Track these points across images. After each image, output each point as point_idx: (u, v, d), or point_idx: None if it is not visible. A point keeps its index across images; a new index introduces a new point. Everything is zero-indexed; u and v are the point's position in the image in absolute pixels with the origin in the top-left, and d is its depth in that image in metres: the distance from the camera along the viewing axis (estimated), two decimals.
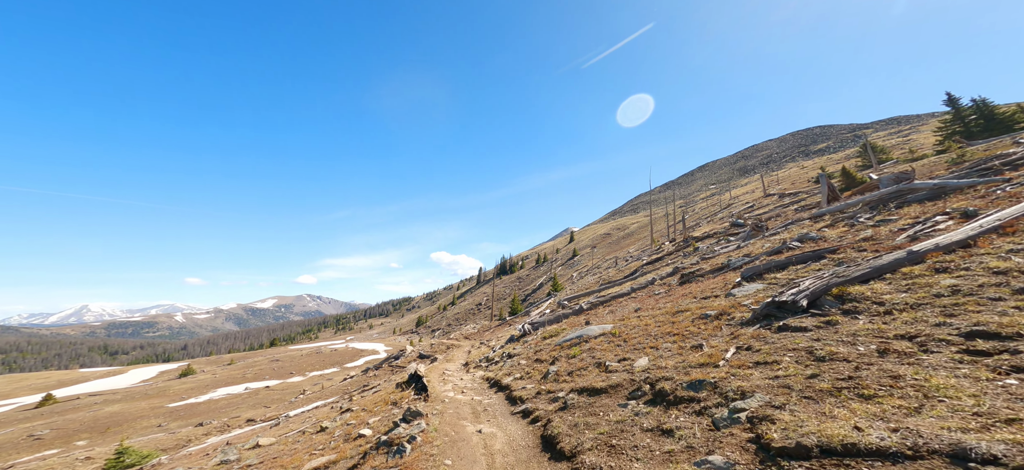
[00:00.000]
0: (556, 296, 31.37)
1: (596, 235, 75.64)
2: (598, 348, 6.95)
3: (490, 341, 19.04)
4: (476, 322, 43.72)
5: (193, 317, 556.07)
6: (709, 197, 61.88)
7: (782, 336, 4.50)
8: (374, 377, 18.13)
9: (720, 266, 10.12)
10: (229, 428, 14.53)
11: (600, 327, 8.27)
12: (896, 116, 75.47)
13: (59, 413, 24.56)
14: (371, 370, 20.14)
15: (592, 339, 7.60)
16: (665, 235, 36.32)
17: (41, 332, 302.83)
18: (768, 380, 3.60)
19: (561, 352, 7.73)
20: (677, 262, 15.49)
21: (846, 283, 5.12)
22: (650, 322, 7.36)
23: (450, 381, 9.28)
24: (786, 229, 12.39)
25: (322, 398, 17.53)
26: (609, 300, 12.78)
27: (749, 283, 7.34)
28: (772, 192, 31.60)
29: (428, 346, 21.57)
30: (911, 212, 8.48)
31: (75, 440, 18.62)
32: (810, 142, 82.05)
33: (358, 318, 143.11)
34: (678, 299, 8.72)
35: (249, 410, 21.17)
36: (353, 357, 43.30)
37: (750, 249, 11.24)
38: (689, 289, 9.44)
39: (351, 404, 10.02)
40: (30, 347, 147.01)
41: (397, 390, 9.47)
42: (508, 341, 13.04)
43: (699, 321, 6.27)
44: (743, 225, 18.28)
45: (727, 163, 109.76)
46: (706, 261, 12.46)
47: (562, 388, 5.63)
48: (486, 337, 23.36)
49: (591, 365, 6.12)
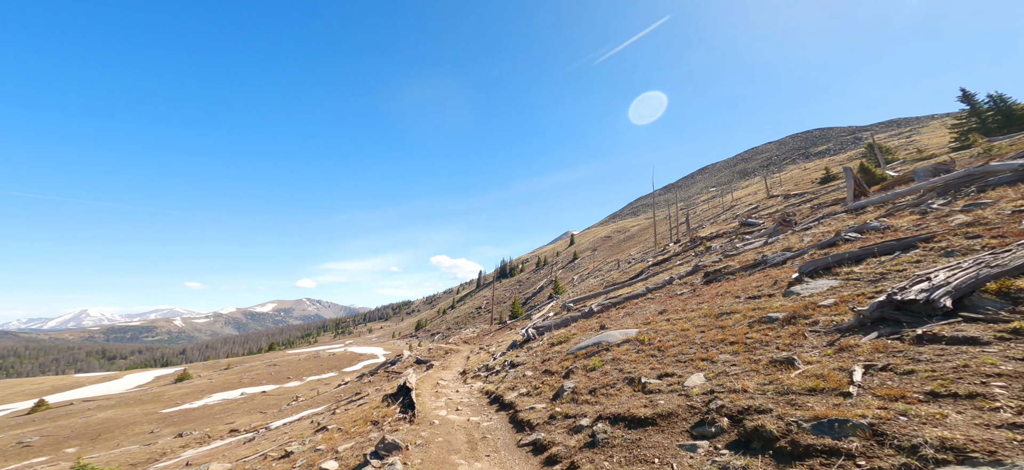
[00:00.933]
0: (558, 299, 30.96)
1: (596, 238, 75.31)
2: (625, 358, 5.64)
3: (490, 346, 18.02)
4: (476, 326, 43.28)
5: (192, 322, 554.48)
6: (710, 199, 61.66)
7: (938, 349, 3.15)
8: (368, 383, 17.58)
9: (753, 262, 8.99)
10: (209, 439, 13.87)
11: (622, 332, 6.97)
12: (894, 118, 75.66)
13: (51, 419, 24.13)
14: (366, 376, 19.64)
15: (614, 347, 6.32)
16: (668, 237, 36.01)
17: (40, 337, 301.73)
18: (987, 425, 2.18)
19: (576, 362, 6.46)
20: (694, 261, 14.47)
21: (1005, 275, 3.87)
22: (687, 326, 6.11)
23: (444, 395, 8.06)
24: (819, 223, 11.33)
25: (313, 406, 16.90)
26: (622, 301, 11.58)
27: (813, 279, 6.07)
28: (776, 193, 31.33)
29: (426, 351, 21.10)
30: (1009, 194, 7.17)
31: (65, 447, 18.20)
32: (810, 144, 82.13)
33: (357, 322, 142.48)
34: (713, 299, 7.48)
35: (244, 415, 20.76)
36: (351, 361, 42.83)
37: (786, 244, 10.14)
38: (721, 288, 8.23)
39: (331, 420, 8.85)
40: (28, 352, 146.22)
41: (383, 404, 8.20)
42: (510, 347, 11.86)
43: (761, 326, 4.94)
44: (756, 224, 17.64)
45: (727, 166, 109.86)
46: (730, 258, 11.45)
47: (584, 412, 4.35)
48: (486, 342, 22.80)
49: (620, 381, 4.82)
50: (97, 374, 52.79)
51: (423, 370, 15.88)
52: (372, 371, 20.52)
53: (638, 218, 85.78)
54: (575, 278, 44.30)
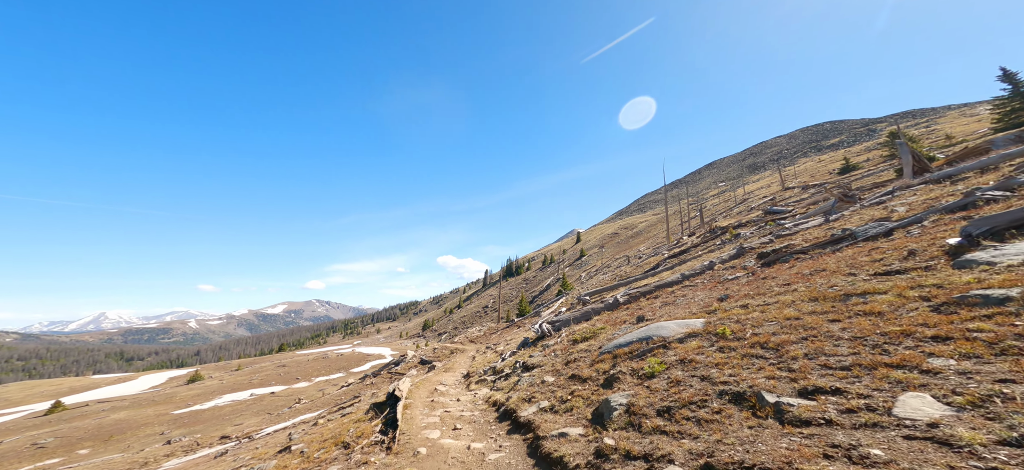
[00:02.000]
0: (568, 295, 30.46)
1: (603, 235, 74.51)
2: (702, 360, 3.92)
3: (497, 345, 16.75)
4: (482, 325, 43.03)
5: (206, 323, 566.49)
6: (720, 194, 60.59)
7: None
8: (370, 384, 17.19)
9: (830, 239, 7.55)
10: (197, 446, 13.41)
11: (679, 323, 5.28)
12: (909, 109, 73.91)
13: (66, 420, 24.54)
14: (369, 377, 19.37)
15: (674, 343, 4.68)
16: (679, 231, 35.35)
17: (61, 339, 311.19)
18: None
19: (619, 365, 4.74)
20: (731, 246, 12.69)
21: None
22: (790, 313, 4.37)
23: (441, 405, 6.44)
24: (892, 197, 9.94)
25: (312, 409, 16.31)
26: (652, 291, 10.07)
27: (1003, 244, 4.25)
28: (791, 185, 30.47)
29: (431, 351, 20.82)
30: None
31: (78, 449, 18.41)
32: (821, 137, 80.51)
33: (365, 323, 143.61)
34: (800, 280, 5.63)
35: (252, 416, 20.82)
36: (359, 362, 42.98)
37: (861, 219, 8.66)
38: (797, 268, 6.55)
39: (305, 436, 7.50)
40: (50, 354, 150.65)
41: (365, 417, 6.75)
42: (522, 346, 10.43)
43: (972, 310, 3.13)
44: (784, 211, 16.20)
45: (736, 160, 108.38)
46: (784, 239, 9.89)
47: (667, 452, 2.57)
48: (492, 340, 22.16)
49: (713, 396, 3.14)
50: (113, 375, 53.95)
51: (425, 371, 15.34)
52: (375, 372, 20.29)
53: (645, 214, 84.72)
54: (583, 275, 43.75)
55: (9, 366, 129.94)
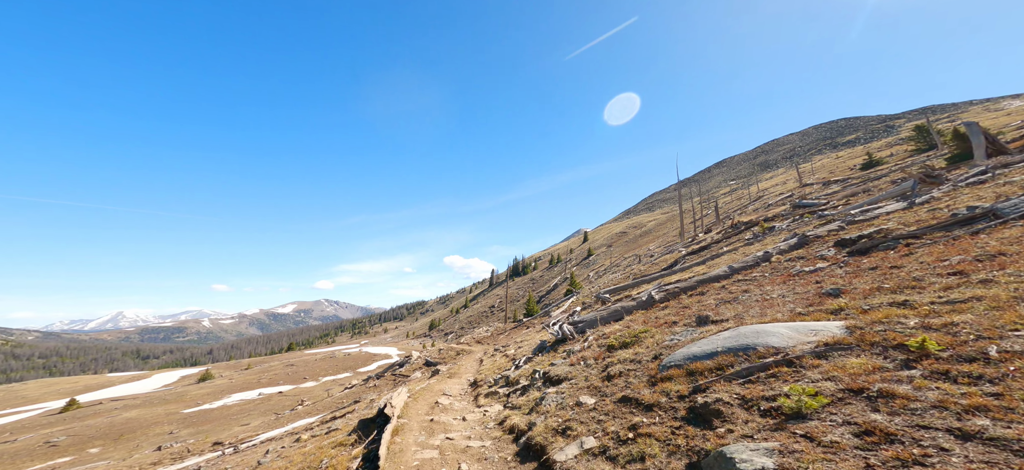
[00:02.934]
0: (578, 294, 29.83)
1: (611, 234, 73.68)
2: (905, 392, 2.47)
3: (507, 348, 15.68)
4: (489, 324, 42.73)
5: (219, 322, 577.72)
6: (732, 192, 59.52)
7: None
8: (373, 388, 16.81)
9: (955, 220, 6.39)
10: (188, 453, 13.17)
11: (795, 328, 3.78)
12: (928, 105, 72.46)
13: (79, 419, 24.93)
14: (372, 379, 19.08)
15: (808, 359, 3.21)
16: (693, 229, 34.62)
17: (80, 338, 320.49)
18: None
19: (711, 388, 3.29)
20: (788, 235, 11.36)
21: None
22: None
23: (441, 427, 5.32)
24: (990, 176, 8.97)
25: (312, 413, 15.60)
26: (695, 285, 8.74)
27: None
28: (809, 181, 29.56)
29: (437, 352, 20.47)
30: None
31: (88, 448, 18.58)
32: (836, 134, 78.82)
33: (373, 322, 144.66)
34: (972, 267, 4.41)
35: (259, 416, 20.84)
36: (366, 361, 43.06)
37: (990, 193, 7.67)
38: (912, 256, 5.47)
39: (285, 453, 6.75)
40: (69, 352, 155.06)
41: (348, 441, 5.75)
42: (538, 350, 9.34)
43: None
44: (814, 204, 14.60)
45: (746, 158, 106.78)
46: (857, 226, 8.71)
47: None
48: (501, 341, 21.52)
49: None
50: (127, 374, 55.06)
51: (429, 375, 14.70)
52: (379, 374, 19.97)
53: (654, 213, 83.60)
54: (591, 274, 43.17)
55: (31, 364, 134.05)
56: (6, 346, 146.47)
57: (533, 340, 13.12)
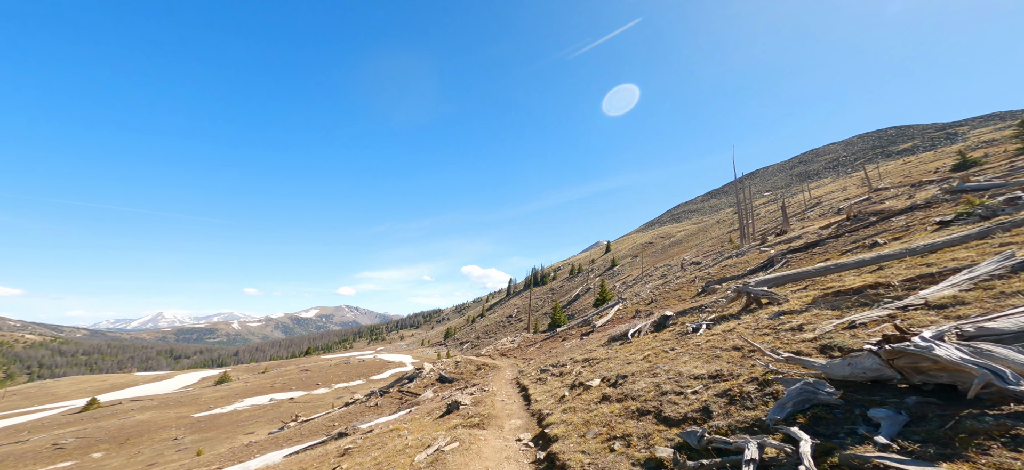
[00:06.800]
0: (620, 303, 26.53)
1: (636, 245, 70.46)
2: None
3: (562, 367, 9.30)
4: (511, 335, 40.41)
5: (247, 325, 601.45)
6: (769, 203, 55.75)
7: None
8: (374, 408, 13.87)
9: None
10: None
11: None
12: (991, 113, 67.49)
13: (95, 419, 24.72)
14: (375, 395, 16.37)
15: None
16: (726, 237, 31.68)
17: (122, 336, 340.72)
18: None
19: None
20: None
21: None
22: None
23: None
24: None
25: (301, 442, 11.04)
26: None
27: None
28: (880, 185, 26.30)
29: (453, 365, 18.00)
30: None
31: (93, 451, 17.87)
32: (887, 143, 73.90)
33: (390, 329, 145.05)
34: None
35: (265, 424, 19.83)
36: (379, 369, 41.89)
37: None
38: None
39: None
40: (110, 350, 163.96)
41: None
42: None
43: None
44: (991, 184, 10.69)
45: (783, 169, 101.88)
46: None
47: None
48: (530, 353, 18.37)
49: None
50: (152, 374, 56.44)
51: (443, 393, 12.65)
52: (384, 389, 17.32)
53: (682, 224, 79.80)
54: (619, 284, 40.57)
55: (74, 360, 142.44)
56: (54, 342, 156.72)
57: (583, 354, 9.97)
